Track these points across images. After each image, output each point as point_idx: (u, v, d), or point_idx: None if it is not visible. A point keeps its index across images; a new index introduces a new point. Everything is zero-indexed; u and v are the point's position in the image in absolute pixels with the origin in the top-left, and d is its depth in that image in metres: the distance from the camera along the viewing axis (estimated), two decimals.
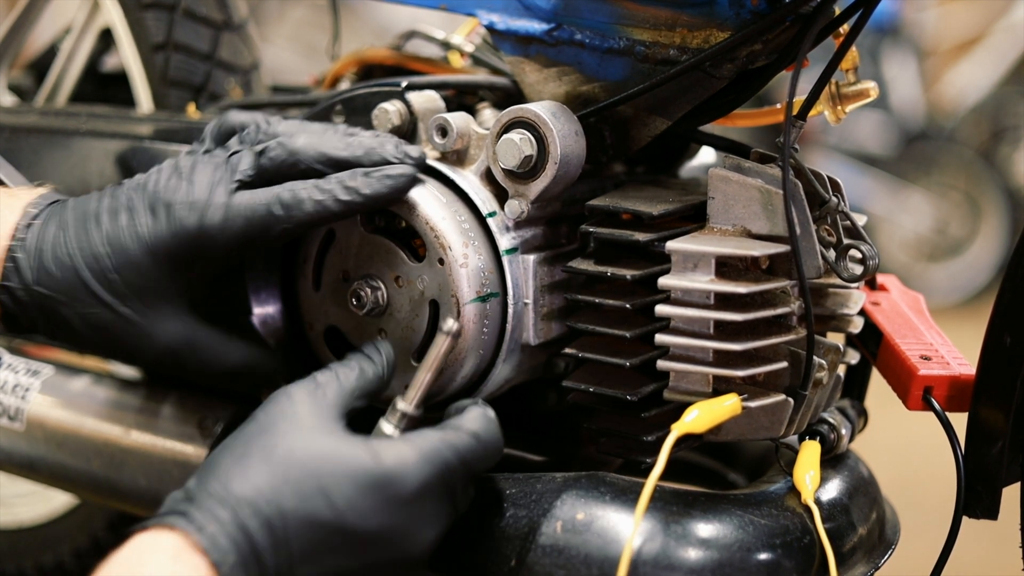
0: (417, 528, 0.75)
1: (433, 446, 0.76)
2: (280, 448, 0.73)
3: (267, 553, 0.70)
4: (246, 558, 0.69)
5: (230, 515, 0.70)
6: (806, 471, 0.86)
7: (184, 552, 0.68)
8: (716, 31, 0.85)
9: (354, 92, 0.98)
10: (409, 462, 0.74)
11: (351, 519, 0.72)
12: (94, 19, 1.27)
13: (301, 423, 0.75)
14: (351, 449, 0.74)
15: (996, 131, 4.89)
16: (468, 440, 0.78)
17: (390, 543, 0.74)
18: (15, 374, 1.14)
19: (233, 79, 1.26)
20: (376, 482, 0.73)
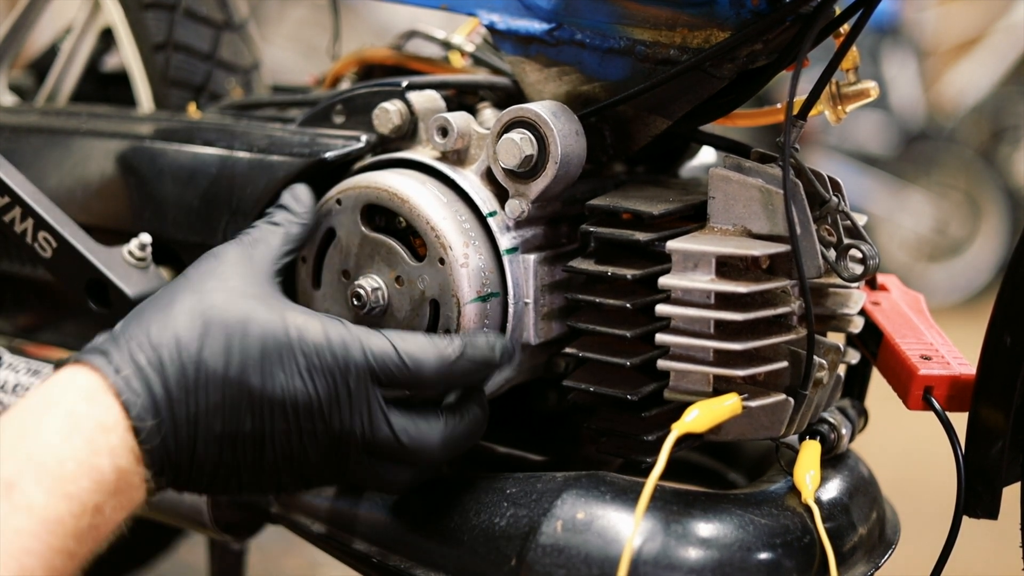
0: (309, 404, 0.76)
1: (343, 336, 0.78)
2: (204, 303, 0.76)
3: (178, 400, 0.73)
4: (158, 402, 0.72)
5: (146, 359, 0.73)
6: (806, 471, 0.86)
7: (97, 392, 0.71)
8: (716, 31, 0.85)
9: (354, 92, 0.98)
10: (314, 340, 0.77)
11: (254, 381, 0.75)
12: (95, 19, 1.27)
13: (227, 283, 0.79)
14: (268, 314, 0.77)
15: (996, 131, 4.89)
16: (386, 348, 0.79)
17: (283, 412, 0.76)
18: (16, 374, 1.14)
19: (234, 79, 1.26)
20: (280, 349, 0.76)
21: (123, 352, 0.73)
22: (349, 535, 0.91)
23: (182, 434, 0.73)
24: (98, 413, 0.70)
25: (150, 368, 0.73)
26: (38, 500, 0.65)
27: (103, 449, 0.69)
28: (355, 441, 0.79)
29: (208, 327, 0.75)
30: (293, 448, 0.78)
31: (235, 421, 0.75)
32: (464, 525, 0.85)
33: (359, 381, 0.78)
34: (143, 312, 0.76)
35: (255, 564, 0.73)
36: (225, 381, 0.74)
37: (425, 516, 0.88)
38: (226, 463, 0.76)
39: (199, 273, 0.80)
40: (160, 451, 0.72)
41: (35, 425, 0.69)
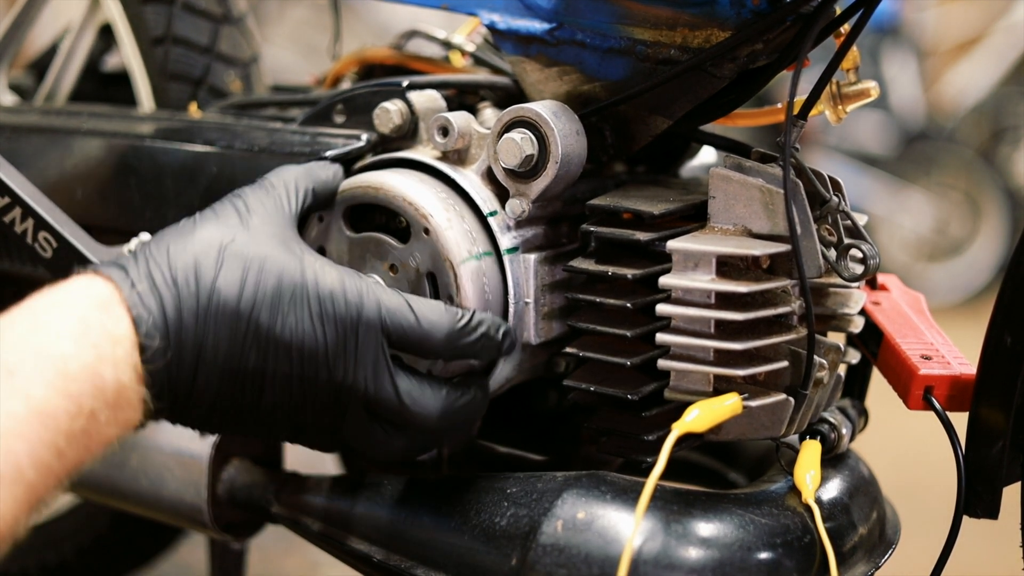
0: (315, 351, 0.76)
1: (359, 287, 0.78)
2: (225, 236, 0.77)
3: (188, 326, 0.73)
4: (168, 323, 0.72)
5: (162, 277, 0.73)
6: (807, 470, 0.86)
7: (111, 302, 0.71)
8: (717, 31, 0.85)
9: (355, 91, 0.98)
10: (329, 286, 0.77)
11: (264, 318, 0.75)
12: (93, 16, 1.27)
13: (250, 220, 0.79)
14: (287, 255, 0.78)
15: (996, 131, 4.88)
16: (400, 306, 0.79)
17: (288, 354, 0.76)
18: None
19: (233, 72, 1.26)
20: (294, 290, 0.76)
21: (140, 268, 0.73)
22: (349, 535, 0.91)
23: (186, 360, 0.73)
24: (108, 323, 0.70)
25: (164, 287, 0.73)
26: (36, 390, 0.65)
27: (108, 358, 0.69)
28: (357, 395, 0.78)
29: (226, 258, 0.75)
30: (293, 393, 0.77)
31: (239, 356, 0.75)
32: (464, 525, 0.85)
33: (369, 334, 0.78)
34: (165, 234, 0.77)
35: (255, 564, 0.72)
36: (235, 313, 0.74)
37: (425, 516, 0.88)
38: (224, 399, 0.76)
39: (224, 209, 0.80)
40: (162, 374, 0.72)
41: (45, 322, 0.69)
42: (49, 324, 0.69)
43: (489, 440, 1.02)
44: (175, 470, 1.02)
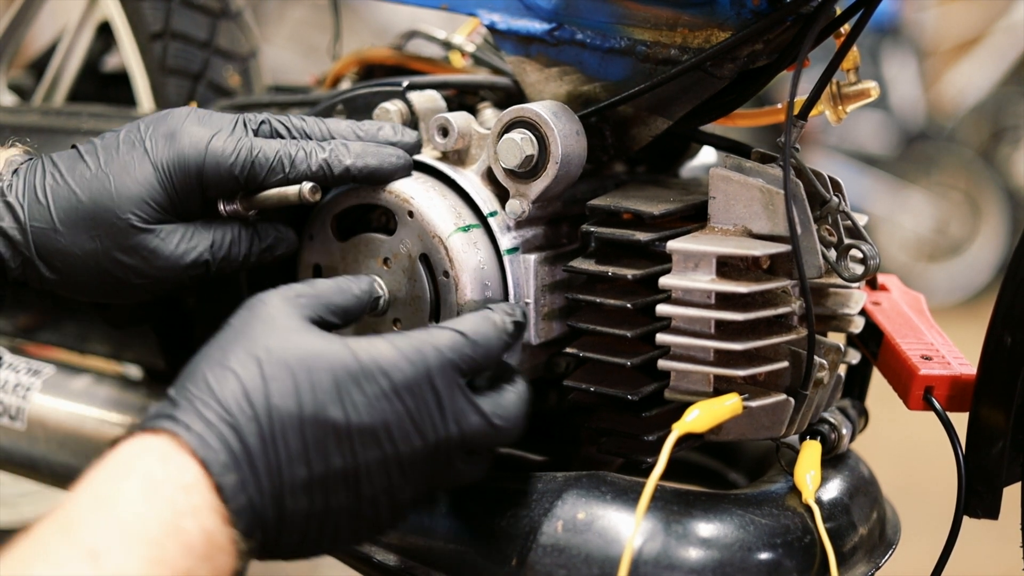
0: (398, 427, 0.73)
1: (412, 343, 0.74)
2: (259, 348, 0.72)
3: (257, 451, 0.68)
4: (236, 457, 0.68)
5: (216, 415, 0.68)
6: (807, 471, 0.86)
7: (172, 452, 0.66)
8: (717, 31, 0.85)
9: (355, 92, 0.98)
10: (388, 357, 0.73)
11: (335, 414, 0.70)
12: (91, 13, 1.27)
13: (276, 324, 0.74)
14: (330, 345, 0.73)
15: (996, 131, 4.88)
16: (455, 338, 0.76)
17: (376, 440, 0.72)
18: (16, 373, 1.14)
19: (231, 67, 1.26)
20: (355, 376, 0.72)
21: (189, 412, 0.68)
22: None
23: (266, 487, 0.68)
24: (176, 473, 0.65)
25: (222, 423, 0.68)
26: (128, 567, 0.61)
27: (186, 510, 0.64)
28: (453, 444, 0.75)
29: (270, 371, 0.70)
30: (392, 477, 0.73)
31: (322, 462, 0.70)
32: (465, 525, 0.85)
33: (445, 381, 0.74)
34: (196, 371, 0.71)
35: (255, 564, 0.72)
36: (302, 422, 0.70)
37: (425, 516, 0.88)
38: (318, 511, 0.71)
39: (242, 321, 0.75)
40: (247, 510, 0.67)
41: (113, 491, 0.64)
42: (117, 492, 0.64)
43: None
44: None
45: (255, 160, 0.84)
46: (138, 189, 0.83)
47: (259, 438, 0.69)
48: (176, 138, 0.84)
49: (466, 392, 0.75)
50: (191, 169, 0.83)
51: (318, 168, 0.85)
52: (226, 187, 0.85)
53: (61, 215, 0.83)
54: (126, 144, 0.85)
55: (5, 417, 1.12)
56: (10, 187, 0.84)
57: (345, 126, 0.89)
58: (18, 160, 0.87)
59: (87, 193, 0.83)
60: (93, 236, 0.83)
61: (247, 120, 0.87)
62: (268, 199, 0.86)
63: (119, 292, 0.87)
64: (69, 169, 0.84)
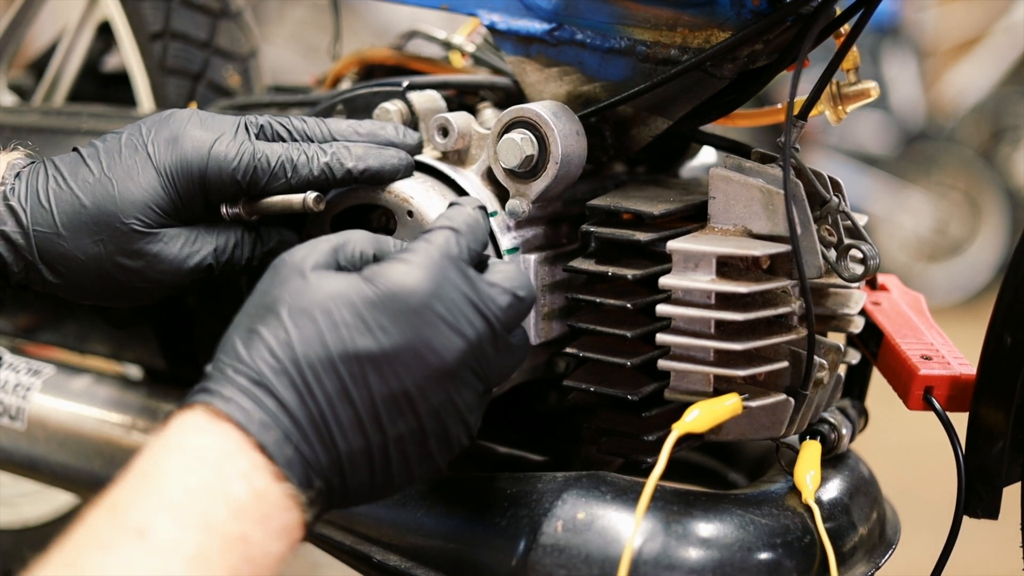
0: (435, 336, 0.71)
1: (421, 253, 0.73)
2: (279, 304, 0.71)
3: (293, 402, 0.68)
4: (273, 414, 0.67)
5: (246, 377, 0.68)
6: (807, 471, 0.86)
7: (207, 424, 0.67)
8: (717, 31, 0.85)
9: (355, 92, 0.98)
10: (402, 273, 0.72)
11: (365, 344, 0.69)
12: (91, 13, 1.27)
13: (294, 277, 0.72)
14: (345, 281, 0.72)
15: (996, 131, 4.89)
16: (449, 235, 0.75)
17: (415, 356, 0.70)
18: (16, 373, 1.14)
19: (231, 67, 1.26)
20: (377, 302, 0.71)
21: (221, 381, 0.69)
22: (349, 535, 0.91)
23: (312, 434, 0.68)
24: (217, 442, 0.66)
25: (252, 384, 0.68)
26: (177, 538, 0.61)
27: (232, 474, 0.64)
28: (495, 331, 0.74)
29: (291, 321, 0.70)
30: (446, 387, 0.72)
31: (366, 394, 0.69)
32: (464, 525, 0.85)
33: (463, 276, 0.74)
34: (227, 340, 0.72)
35: None
36: (333, 361, 0.69)
37: (425, 516, 0.88)
38: (378, 443, 0.70)
39: (265, 283, 0.74)
40: (297, 461, 0.67)
41: (156, 467, 0.65)
42: (160, 468, 0.65)
43: (489, 440, 1.02)
44: None
45: (257, 165, 0.84)
46: (141, 194, 0.83)
47: (293, 389, 0.68)
48: (179, 143, 0.84)
49: (482, 279, 0.75)
50: (194, 174, 0.84)
51: (320, 172, 0.85)
52: (229, 192, 0.85)
53: (64, 219, 0.83)
54: (128, 148, 0.85)
55: (5, 417, 1.12)
56: (12, 191, 0.84)
57: (346, 127, 0.89)
58: (20, 163, 0.87)
59: (90, 198, 0.83)
60: (96, 241, 0.83)
61: (248, 123, 0.87)
62: (272, 206, 0.86)
63: (122, 296, 0.87)
64: (72, 173, 0.84)
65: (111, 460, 1.06)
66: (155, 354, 1.12)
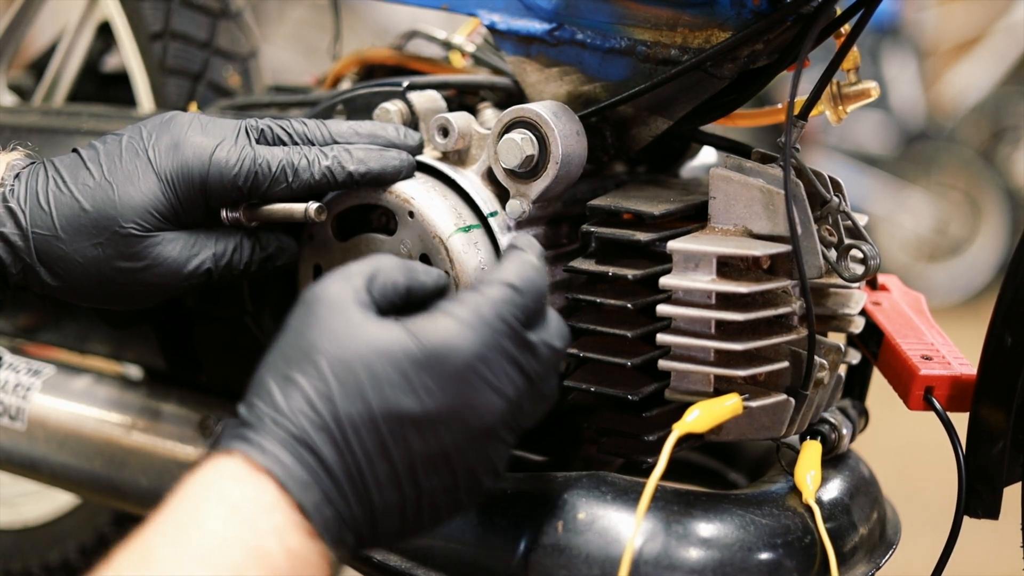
0: (477, 399, 0.69)
1: (472, 311, 0.70)
2: (316, 351, 0.68)
3: (332, 460, 0.66)
4: (314, 471, 0.66)
5: (286, 431, 0.66)
6: (807, 471, 0.86)
7: (247, 475, 0.65)
8: (717, 31, 0.85)
9: (355, 92, 0.98)
10: (452, 333, 0.69)
11: (406, 405, 0.67)
12: (91, 13, 1.27)
13: (333, 320, 0.70)
14: (389, 334, 0.69)
15: (996, 131, 4.89)
16: (506, 292, 0.71)
17: (457, 419, 0.69)
18: (16, 374, 1.14)
19: (231, 67, 1.26)
20: (422, 362, 0.68)
21: (259, 431, 0.67)
22: None
23: (350, 492, 0.67)
24: (254, 494, 0.64)
25: (292, 439, 0.66)
26: None
27: (267, 531, 0.63)
28: (535, 387, 0.73)
29: (332, 374, 0.68)
30: (484, 444, 0.71)
31: (404, 453, 0.68)
32: (465, 525, 0.85)
33: (512, 338, 0.71)
34: (262, 384, 0.69)
35: None
36: (374, 420, 0.67)
37: None
38: (412, 498, 0.69)
39: (299, 321, 0.71)
40: (334, 521, 0.66)
41: (191, 516, 0.63)
42: (196, 516, 0.63)
43: None
44: (175, 471, 1.02)
45: (258, 170, 0.84)
46: (141, 199, 0.83)
47: (333, 446, 0.67)
48: (180, 149, 0.84)
49: (528, 338, 0.72)
50: (195, 180, 0.84)
51: (321, 176, 0.85)
52: (230, 197, 0.85)
53: (63, 222, 0.83)
54: (129, 152, 0.85)
55: (5, 417, 1.12)
56: (12, 192, 0.84)
57: (347, 128, 0.89)
58: (20, 164, 0.87)
59: (90, 201, 0.83)
60: (95, 244, 0.83)
61: (249, 127, 0.87)
62: (273, 214, 0.86)
63: (121, 299, 0.87)
64: (72, 176, 0.84)
65: (111, 460, 1.06)
66: (155, 354, 1.12)
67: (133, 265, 0.84)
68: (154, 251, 0.84)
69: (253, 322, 0.99)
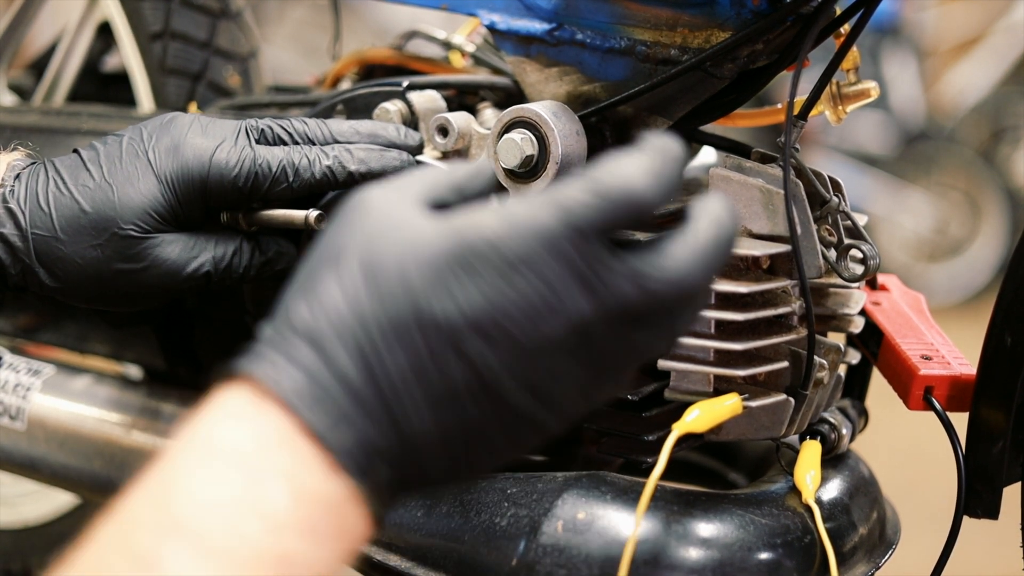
0: (529, 306, 0.57)
1: (531, 207, 0.58)
2: (348, 253, 0.58)
3: (355, 374, 0.56)
4: (328, 386, 0.56)
5: (301, 341, 0.56)
6: (807, 471, 0.86)
7: (251, 406, 0.55)
8: (717, 31, 0.85)
9: (355, 92, 0.98)
10: (500, 228, 0.57)
11: (442, 309, 0.56)
12: (91, 13, 1.27)
13: (369, 220, 0.60)
14: (430, 229, 0.58)
15: (996, 131, 4.89)
16: (586, 194, 0.58)
17: (500, 330, 0.57)
18: (16, 373, 1.14)
19: (231, 67, 1.26)
20: (460, 259, 0.57)
21: (273, 346, 0.57)
22: None
23: (376, 411, 0.56)
24: (253, 432, 0.55)
25: (309, 350, 0.56)
26: (190, 569, 0.50)
27: (269, 474, 0.53)
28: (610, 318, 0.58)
29: (358, 274, 0.57)
30: (540, 368, 0.58)
31: (440, 369, 0.56)
32: (464, 525, 0.85)
33: (576, 245, 0.57)
34: (287, 296, 0.60)
35: None
36: (404, 327, 0.56)
37: (425, 516, 0.88)
38: (456, 426, 0.57)
39: (335, 227, 0.61)
40: (358, 446, 0.55)
41: (175, 473, 0.54)
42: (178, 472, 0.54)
43: None
44: None
45: (258, 171, 0.84)
46: (141, 200, 0.83)
47: (356, 355, 0.56)
48: (180, 151, 0.84)
49: (607, 255, 0.58)
50: (195, 182, 0.84)
51: (322, 175, 0.85)
52: (230, 198, 0.85)
53: (63, 223, 0.83)
54: (129, 154, 0.85)
55: (5, 417, 1.12)
56: (12, 193, 0.84)
57: (347, 127, 0.89)
58: (20, 164, 0.87)
59: (90, 203, 0.83)
60: (95, 245, 0.83)
61: (249, 128, 0.87)
62: (273, 219, 0.86)
63: (120, 300, 0.87)
64: (72, 177, 0.84)
65: (111, 460, 1.06)
66: (155, 354, 1.12)
67: (132, 266, 0.84)
68: (153, 252, 0.84)
69: (254, 323, 0.99)
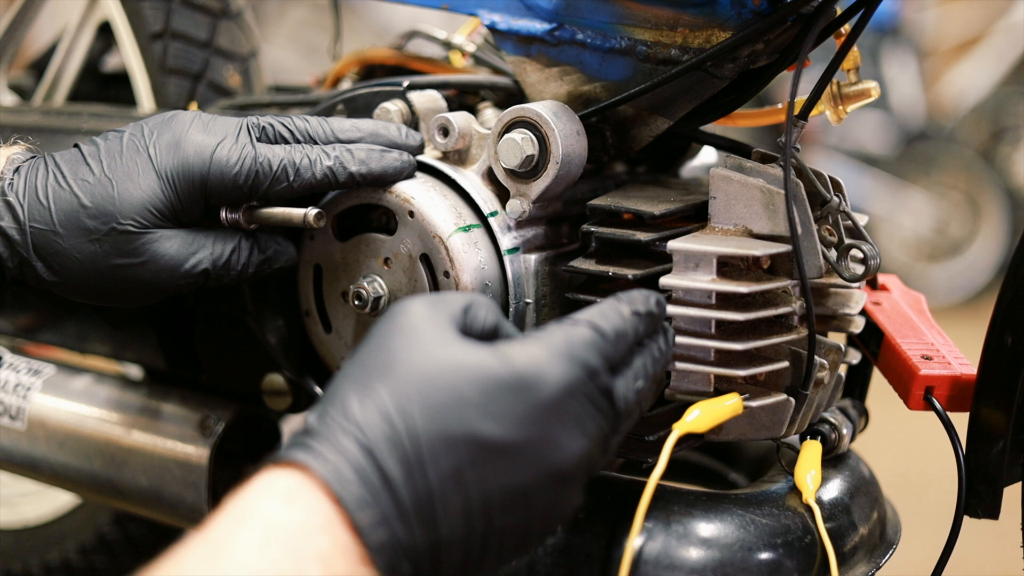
0: (562, 436, 0.65)
1: (567, 342, 0.67)
2: (400, 364, 0.64)
3: (399, 478, 0.61)
4: (374, 487, 0.60)
5: (353, 442, 0.61)
6: (807, 471, 0.86)
7: (301, 490, 0.60)
8: (718, 31, 0.85)
9: (356, 92, 0.98)
10: (543, 362, 0.65)
11: (488, 431, 0.62)
12: (91, 13, 1.27)
13: (418, 335, 0.66)
14: (477, 355, 0.65)
15: (996, 131, 4.89)
16: (591, 333, 0.68)
17: (536, 454, 0.64)
18: (16, 373, 1.14)
19: (231, 67, 1.26)
20: (510, 387, 0.63)
21: (323, 440, 0.62)
22: None
23: (414, 517, 0.61)
24: (301, 515, 0.59)
25: (360, 450, 0.61)
26: None
27: (309, 557, 0.58)
28: (617, 432, 0.70)
29: (411, 388, 0.63)
30: (565, 485, 0.66)
31: (479, 484, 0.62)
32: None
33: (600, 376, 0.68)
34: (336, 391, 0.65)
35: None
36: (451, 442, 0.62)
37: None
38: (480, 534, 0.63)
39: (383, 333, 0.67)
40: (389, 546, 0.60)
41: (225, 540, 0.58)
42: (230, 541, 0.58)
43: None
44: (175, 471, 1.02)
45: (259, 169, 0.84)
46: (141, 196, 0.83)
47: (403, 464, 0.61)
48: (181, 147, 0.84)
49: (612, 384, 0.69)
50: (195, 179, 0.83)
51: (323, 175, 0.85)
52: (231, 196, 0.85)
53: (62, 217, 0.83)
54: (130, 149, 0.84)
55: (5, 417, 1.12)
56: (11, 186, 0.84)
57: (349, 126, 0.89)
58: (20, 158, 0.87)
59: (89, 197, 0.83)
60: (93, 240, 0.83)
61: (251, 126, 0.86)
62: (272, 217, 0.86)
63: (117, 295, 0.87)
64: (71, 171, 0.84)
65: (111, 460, 1.06)
66: (155, 354, 1.12)
67: (130, 261, 0.84)
68: (151, 248, 0.84)
69: (254, 322, 0.99)
